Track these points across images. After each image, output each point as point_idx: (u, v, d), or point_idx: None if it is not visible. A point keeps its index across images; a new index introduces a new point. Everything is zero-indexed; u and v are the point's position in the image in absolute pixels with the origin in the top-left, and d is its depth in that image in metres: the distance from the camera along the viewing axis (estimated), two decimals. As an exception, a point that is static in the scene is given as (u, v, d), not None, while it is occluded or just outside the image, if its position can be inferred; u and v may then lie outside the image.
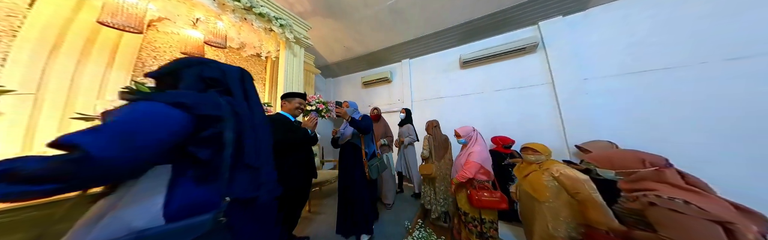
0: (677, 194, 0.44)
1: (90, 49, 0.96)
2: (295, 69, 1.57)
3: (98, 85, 0.96)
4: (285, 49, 1.53)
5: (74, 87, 0.90)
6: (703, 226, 0.40)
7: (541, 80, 1.52)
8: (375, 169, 0.99)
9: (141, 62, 1.15)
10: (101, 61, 0.99)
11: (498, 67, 1.75)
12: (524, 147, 0.91)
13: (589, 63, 1.36)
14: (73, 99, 0.89)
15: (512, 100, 1.64)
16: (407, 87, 2.22)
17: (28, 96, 0.77)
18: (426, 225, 1.04)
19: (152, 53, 1.21)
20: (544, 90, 1.50)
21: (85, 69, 0.94)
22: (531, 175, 0.86)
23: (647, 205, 0.46)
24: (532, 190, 0.83)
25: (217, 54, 1.55)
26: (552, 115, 1.45)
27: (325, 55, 2.42)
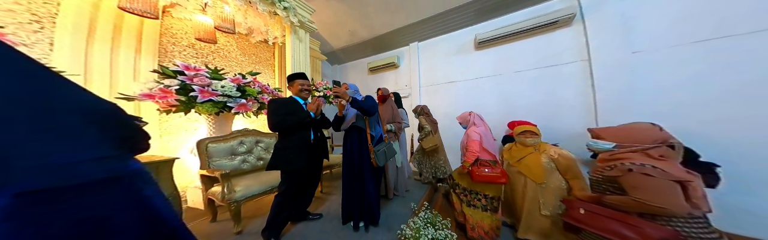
0: (648, 162, 0.52)
1: (119, 36, 1.03)
2: (301, 54, 1.57)
3: (132, 69, 1.06)
4: (290, 34, 1.51)
5: (114, 70, 1.00)
6: (668, 186, 0.48)
7: (574, 57, 1.34)
8: (382, 155, 0.85)
9: (163, 48, 1.22)
10: (130, 47, 1.07)
11: (519, 46, 1.57)
12: (524, 130, 0.92)
13: (641, 34, 1.13)
14: (115, 81, 1.00)
15: (534, 81, 1.49)
16: (415, 72, 2.12)
17: (79, 77, 0.89)
18: (432, 207, 0.96)
19: (171, 39, 1.26)
20: (576, 68, 1.33)
21: (119, 54, 1.03)
22: (527, 158, 0.88)
23: (625, 172, 0.52)
24: (530, 173, 0.85)
25: (229, 40, 1.57)
26: (582, 96, 1.31)
27: (330, 40, 2.34)
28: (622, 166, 0.53)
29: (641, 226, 0.50)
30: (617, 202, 0.54)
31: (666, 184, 0.48)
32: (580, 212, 0.59)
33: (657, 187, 0.49)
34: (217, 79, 1.02)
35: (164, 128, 1.18)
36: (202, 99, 0.94)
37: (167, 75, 0.92)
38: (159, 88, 0.87)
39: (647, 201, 0.48)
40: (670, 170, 0.50)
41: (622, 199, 0.53)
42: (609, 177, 0.57)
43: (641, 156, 0.54)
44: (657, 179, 0.48)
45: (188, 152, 1.13)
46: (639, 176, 0.50)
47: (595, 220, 0.56)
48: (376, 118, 0.94)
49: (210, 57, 1.45)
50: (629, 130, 0.61)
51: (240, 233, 0.86)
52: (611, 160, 0.58)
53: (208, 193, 0.95)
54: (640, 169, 0.50)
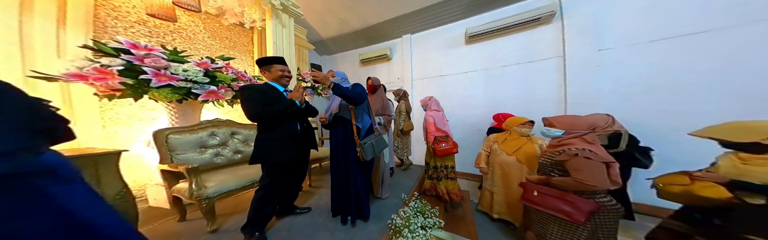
0: (586, 146, 0.61)
1: (30, 1, 0.79)
2: (284, 41, 1.42)
3: (54, 43, 0.84)
4: (272, 18, 1.34)
5: (25, 42, 0.78)
6: (599, 167, 0.58)
7: (552, 53, 1.42)
8: (370, 148, 0.77)
9: (101, 22, 0.99)
10: (48, 15, 0.83)
11: (506, 41, 1.63)
12: (527, 121, 1.01)
13: (608, 32, 1.25)
14: (28, 56, 0.78)
15: (518, 76, 1.56)
16: (408, 65, 2.10)
17: None
18: (422, 197, 1.04)
19: (113, 13, 1.02)
20: (553, 64, 1.42)
21: (32, 23, 0.79)
22: (525, 147, 0.98)
23: (572, 156, 0.60)
24: (529, 162, 0.95)
25: (193, 20, 1.34)
26: (557, 90, 1.40)
27: (319, 29, 2.16)
28: (570, 152, 0.61)
29: (576, 201, 0.59)
30: (561, 182, 0.62)
31: (598, 165, 0.57)
32: (534, 194, 0.67)
33: (592, 168, 0.57)
34: (178, 62, 0.86)
35: (108, 117, 0.98)
36: (157, 83, 0.79)
37: (105, 52, 0.74)
38: (93, 68, 0.70)
39: (585, 180, 0.56)
40: (600, 153, 0.59)
41: (566, 180, 0.60)
42: (557, 161, 0.64)
43: (580, 141, 0.63)
44: (593, 161, 0.57)
45: (145, 145, 0.96)
46: (582, 160, 0.58)
47: (545, 200, 0.64)
48: (365, 109, 0.85)
49: (168, 37, 1.22)
50: (573, 119, 0.70)
51: (215, 231, 0.77)
52: (559, 145, 0.66)
53: (172, 190, 0.83)
54: (583, 153, 0.59)
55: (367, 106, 0.87)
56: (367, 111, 0.87)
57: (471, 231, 0.97)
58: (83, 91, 0.84)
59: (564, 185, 0.61)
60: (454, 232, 0.85)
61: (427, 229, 0.79)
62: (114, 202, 0.61)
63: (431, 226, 0.81)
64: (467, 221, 1.07)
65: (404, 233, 0.74)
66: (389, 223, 0.80)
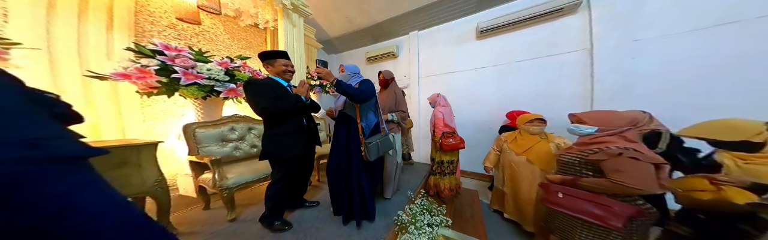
0: (627, 145, 0.54)
1: (86, 10, 0.93)
2: (295, 40, 1.48)
3: (104, 46, 0.97)
4: (283, 18, 1.40)
5: (82, 47, 0.91)
6: (647, 168, 0.51)
7: (576, 46, 1.32)
8: (375, 149, 0.74)
9: (140, 27, 1.11)
10: (100, 22, 0.97)
11: (521, 34, 1.53)
12: (534, 118, 0.96)
13: (646, 21, 1.11)
14: (84, 58, 0.91)
15: (535, 71, 1.47)
16: (415, 62, 2.07)
17: (42, 53, 0.80)
18: (428, 195, 1.05)
19: (148, 18, 1.15)
20: (577, 57, 1.32)
21: (87, 29, 0.93)
22: (536, 146, 0.91)
23: (613, 156, 0.53)
24: (540, 161, 0.89)
25: (215, 22, 1.46)
26: (580, 86, 1.30)
27: (326, 27, 2.22)
28: (610, 150, 0.54)
29: (612, 205, 0.53)
30: (593, 184, 0.56)
31: (646, 167, 0.51)
32: (559, 196, 0.61)
33: (639, 170, 0.51)
34: (203, 62, 0.95)
35: (147, 113, 1.11)
36: (186, 81, 0.87)
37: (144, 54, 0.84)
38: (135, 68, 0.79)
39: (628, 184, 0.50)
40: (647, 152, 0.53)
41: (600, 182, 0.54)
42: (589, 160, 0.58)
43: (619, 139, 0.57)
44: (641, 163, 0.51)
45: (176, 138, 1.07)
46: (626, 160, 0.52)
47: (572, 202, 0.59)
48: (371, 106, 0.81)
49: (194, 39, 1.34)
50: (608, 114, 0.64)
51: (234, 220, 0.85)
52: (592, 143, 0.60)
53: (198, 180, 0.91)
54: (628, 152, 0.52)
55: (374, 104, 0.83)
56: (374, 109, 0.83)
57: (480, 231, 0.94)
58: (128, 89, 0.96)
59: (598, 187, 0.55)
60: (461, 231, 0.83)
61: (433, 227, 0.79)
62: (152, 187, 0.69)
63: (438, 224, 0.80)
64: (476, 221, 1.04)
65: (410, 230, 0.74)
66: (395, 219, 0.80)
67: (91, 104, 0.91)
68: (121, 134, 0.99)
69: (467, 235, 0.79)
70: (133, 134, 1.02)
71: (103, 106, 0.94)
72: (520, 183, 0.93)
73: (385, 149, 0.81)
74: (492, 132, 1.61)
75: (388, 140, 0.83)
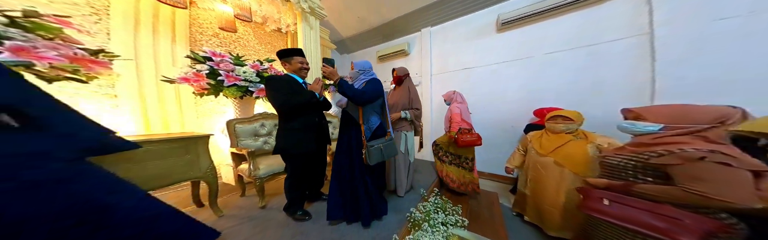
0: (711, 147, 0.43)
1: (157, 25, 1.15)
2: (312, 42, 1.58)
3: (170, 55, 1.19)
4: (301, 21, 1.50)
5: (156, 56, 1.14)
6: (743, 177, 0.40)
7: (628, 32, 1.13)
8: (377, 153, 0.69)
9: (193, 38, 1.33)
10: (167, 35, 1.19)
11: (552, 24, 1.37)
12: (554, 115, 0.87)
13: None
14: (158, 66, 1.14)
15: (571, 63, 1.34)
16: (427, 59, 2.01)
17: (132, 62, 1.03)
18: (442, 193, 1.00)
19: (198, 29, 1.36)
20: (629, 44, 1.13)
21: (159, 42, 1.15)
22: (567, 147, 0.82)
23: (693, 160, 0.43)
24: (572, 163, 0.80)
25: (247, 29, 1.64)
26: (635, 77, 1.11)
27: (339, 28, 2.31)
28: (686, 153, 0.44)
29: (680, 217, 0.43)
30: (656, 192, 0.47)
31: (742, 175, 0.41)
32: (604, 203, 0.51)
33: (731, 178, 0.41)
34: (240, 65, 1.09)
35: (200, 111, 1.34)
36: (228, 83, 1.01)
37: (198, 60, 1.00)
38: (193, 73, 0.95)
39: (711, 194, 0.40)
40: (740, 156, 0.42)
41: (666, 190, 0.45)
42: (653, 164, 0.48)
43: (695, 139, 0.46)
44: (734, 169, 0.40)
45: (220, 132, 1.26)
46: (711, 166, 0.41)
47: (623, 211, 0.49)
48: (375, 108, 0.77)
49: (232, 46, 1.54)
50: (680, 108, 0.51)
51: (264, 208, 0.96)
52: (655, 144, 0.49)
53: (237, 169, 1.06)
54: (714, 156, 0.42)
55: (380, 105, 0.79)
56: (378, 111, 0.79)
57: (501, 235, 0.89)
58: (186, 90, 1.16)
59: (663, 196, 0.46)
60: (479, 233, 0.79)
61: (448, 226, 0.77)
62: (206, 173, 0.83)
63: (453, 224, 0.78)
64: (495, 224, 0.99)
65: (424, 227, 0.74)
66: (408, 215, 0.80)
67: (161, 102, 1.14)
68: (182, 127, 1.22)
69: (486, 238, 0.76)
70: (190, 128, 1.25)
71: (170, 105, 1.17)
72: (545, 186, 0.84)
73: (390, 155, 0.76)
74: (515, 131, 1.50)
75: (393, 146, 0.78)
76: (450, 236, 0.73)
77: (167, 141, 0.71)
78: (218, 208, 0.89)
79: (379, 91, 0.74)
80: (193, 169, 0.79)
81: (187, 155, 0.77)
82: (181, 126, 1.20)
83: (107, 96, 0.98)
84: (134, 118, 1.03)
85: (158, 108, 1.11)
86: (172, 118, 1.17)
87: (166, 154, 0.70)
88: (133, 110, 1.03)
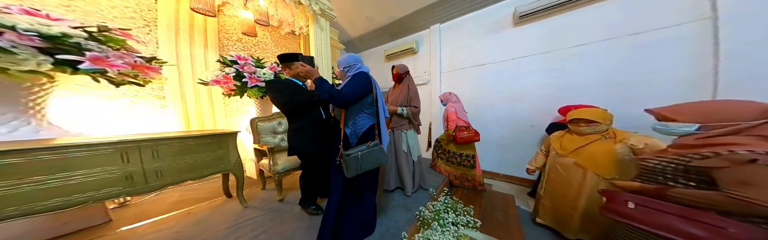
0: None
1: (193, 33, 1.30)
2: (322, 43, 1.64)
3: (203, 60, 1.35)
4: (313, 23, 1.57)
5: (193, 61, 1.30)
6: None
7: (682, 18, 0.99)
8: (353, 163, 0.58)
9: (220, 43, 1.48)
10: (201, 42, 1.35)
11: (577, 15, 1.25)
12: (573, 119, 0.82)
13: None
14: (195, 70, 1.31)
15: (605, 56, 1.22)
16: (436, 57, 1.97)
17: (174, 66, 1.19)
18: (452, 193, 1.02)
19: (225, 35, 1.51)
20: (683, 32, 1.00)
21: (195, 48, 1.31)
22: (590, 147, 0.77)
23: (740, 163, 0.39)
24: (594, 165, 0.74)
25: (265, 34, 1.78)
26: (689, 70, 0.98)
27: (348, 28, 2.35)
28: (736, 156, 0.39)
29: (724, 226, 0.39)
30: (696, 197, 0.42)
31: None
32: (629, 206, 0.48)
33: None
34: (260, 67, 1.19)
35: (228, 110, 1.50)
36: (250, 84, 1.11)
37: (226, 64, 1.12)
38: (222, 75, 1.07)
39: (760, 201, 0.37)
40: None
41: (707, 195, 0.41)
42: (696, 167, 0.44)
43: (753, 139, 0.40)
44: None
45: (244, 130, 1.40)
46: (763, 169, 0.37)
47: (650, 215, 0.45)
48: (365, 107, 0.64)
49: (253, 49, 1.69)
50: (714, 105, 0.47)
51: (282, 201, 1.05)
52: (703, 145, 0.44)
53: (259, 164, 1.17)
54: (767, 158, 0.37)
55: (371, 103, 0.64)
56: (368, 111, 0.65)
57: (516, 238, 0.86)
58: (217, 91, 1.31)
59: (703, 202, 0.42)
60: (493, 236, 0.76)
61: (458, 226, 0.76)
62: (234, 166, 0.94)
63: (465, 225, 0.77)
64: (510, 227, 0.95)
65: (433, 226, 0.74)
66: (417, 214, 0.81)
67: (198, 103, 1.30)
68: (214, 125, 1.38)
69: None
70: (220, 126, 1.41)
71: (204, 105, 1.33)
72: (566, 188, 0.79)
73: (371, 165, 0.60)
74: (534, 131, 1.40)
75: (379, 152, 0.61)
76: (461, 237, 0.72)
77: (204, 137, 0.83)
78: (244, 199, 0.99)
79: (363, 87, 0.62)
80: (224, 163, 0.90)
81: (219, 150, 0.88)
82: (213, 124, 1.37)
83: (157, 97, 1.16)
84: (178, 117, 1.20)
85: (195, 108, 1.28)
86: (206, 117, 1.33)
87: (202, 149, 0.82)
88: (177, 110, 1.20)
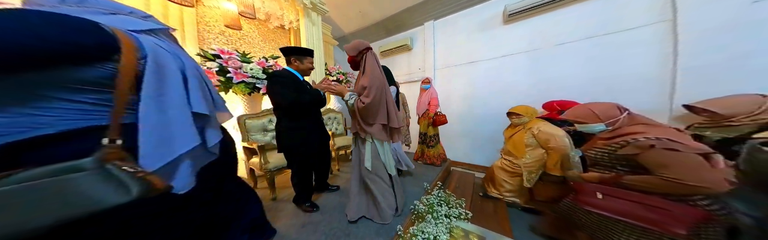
0: (659, 133, 0.47)
1: (167, 25, 1.20)
2: (314, 38, 1.61)
3: None
4: (304, 17, 1.52)
5: None
6: (696, 160, 0.44)
7: (649, 18, 1.09)
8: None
9: (201, 36, 1.39)
10: (177, 34, 1.24)
11: (561, 14, 1.33)
12: (508, 112, 1.11)
13: None
14: None
15: (584, 54, 1.30)
16: (430, 53, 2.00)
17: None
18: (445, 187, 1.08)
19: (206, 27, 1.42)
20: (649, 32, 1.10)
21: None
22: (515, 135, 1.05)
23: (646, 148, 0.47)
24: (514, 148, 1.03)
25: (251, 27, 1.68)
26: (653, 67, 1.10)
27: (341, 24, 2.30)
28: (640, 142, 0.48)
29: (668, 207, 0.45)
30: (642, 182, 0.49)
31: (693, 158, 0.44)
32: (598, 197, 0.54)
33: (687, 162, 0.44)
34: (247, 62, 1.14)
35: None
36: (236, 80, 1.07)
37: (208, 58, 1.06)
38: (205, 70, 1.01)
39: (682, 180, 0.43)
40: (686, 141, 0.46)
41: (648, 179, 0.48)
42: (621, 156, 0.52)
43: (645, 128, 0.50)
44: (683, 154, 0.44)
45: (232, 128, 1.34)
46: (663, 152, 0.45)
47: (614, 203, 0.52)
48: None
49: (238, 43, 1.60)
50: (595, 107, 0.60)
51: (275, 200, 1.03)
52: (614, 137, 0.54)
53: (249, 163, 1.14)
54: (661, 143, 0.45)
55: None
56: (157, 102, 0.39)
57: (504, 228, 0.92)
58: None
59: (648, 186, 0.48)
60: (483, 226, 0.82)
61: (451, 218, 0.81)
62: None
63: (457, 217, 0.82)
64: (499, 217, 1.03)
65: (427, 219, 0.77)
66: (412, 208, 0.84)
67: (175, 100, 1.22)
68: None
69: (489, 230, 0.79)
70: (202, 124, 1.34)
71: (183, 102, 1.26)
72: (495, 168, 1.13)
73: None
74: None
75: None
76: (453, 228, 0.76)
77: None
78: (233, 199, 0.97)
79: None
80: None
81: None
82: (194, 122, 1.30)
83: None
84: (153, 115, 1.12)
85: (173, 105, 1.20)
86: (186, 115, 1.26)
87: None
88: (151, 107, 1.12)
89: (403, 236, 0.69)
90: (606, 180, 0.55)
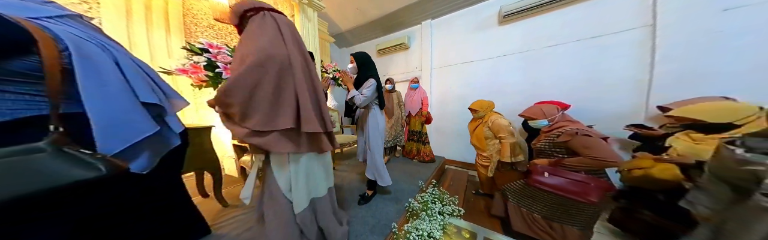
0: (578, 126, 0.70)
1: (150, 15, 1.14)
2: (310, 35, 1.58)
3: (166, 46, 1.20)
4: (299, 13, 1.49)
5: (151, 47, 1.14)
6: (603, 142, 0.65)
7: (632, 23, 1.17)
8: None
9: (188, 29, 1.32)
10: (161, 26, 1.18)
11: (554, 16, 1.39)
12: (469, 108, 1.18)
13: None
14: (154, 57, 1.15)
15: (572, 56, 1.38)
16: (427, 53, 2.02)
17: None
18: (440, 185, 1.14)
19: (193, 20, 1.35)
20: (632, 37, 1.17)
21: (152, 32, 1.15)
22: (476, 129, 1.14)
23: (574, 135, 0.67)
24: (477, 141, 1.13)
25: (243, 21, 1.63)
26: (635, 71, 1.17)
27: (338, 21, 2.27)
28: (568, 131, 0.69)
29: (588, 181, 0.63)
30: (576, 162, 0.65)
31: (600, 141, 0.64)
32: (545, 176, 0.70)
33: (598, 145, 0.63)
34: None
35: (200, 103, 1.36)
36: (226, 75, 1.03)
37: (195, 52, 1.01)
38: (190, 64, 0.97)
39: (602, 158, 0.60)
40: (593, 131, 0.68)
41: (580, 159, 0.65)
42: (559, 143, 0.71)
43: (567, 122, 0.73)
44: (595, 139, 0.64)
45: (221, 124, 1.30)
46: (584, 138, 0.65)
47: (554, 180, 0.68)
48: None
49: (228, 38, 1.53)
50: (542, 107, 0.81)
51: None
52: (552, 129, 0.75)
53: (240, 161, 1.11)
54: (582, 131, 0.66)
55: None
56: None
57: (495, 224, 0.96)
58: (184, 82, 1.17)
59: (581, 165, 0.65)
60: (474, 222, 0.86)
61: (444, 215, 0.83)
62: (210, 163, 0.88)
63: (450, 214, 0.84)
64: (489, 213, 1.05)
65: (422, 216, 0.79)
66: (406, 205, 0.86)
67: (160, 96, 1.16)
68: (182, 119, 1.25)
69: (480, 226, 0.81)
70: (190, 121, 1.28)
71: (168, 98, 1.20)
72: (477, 167, 1.21)
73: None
74: (513, 125, 1.56)
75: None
76: (446, 225, 0.78)
77: (171, 131, 0.75)
78: (223, 199, 0.94)
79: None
80: (198, 160, 0.83)
81: (192, 146, 0.81)
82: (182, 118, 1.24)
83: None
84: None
85: (157, 101, 1.15)
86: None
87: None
88: (133, 103, 1.06)
89: (398, 233, 0.71)
90: (552, 163, 0.72)
